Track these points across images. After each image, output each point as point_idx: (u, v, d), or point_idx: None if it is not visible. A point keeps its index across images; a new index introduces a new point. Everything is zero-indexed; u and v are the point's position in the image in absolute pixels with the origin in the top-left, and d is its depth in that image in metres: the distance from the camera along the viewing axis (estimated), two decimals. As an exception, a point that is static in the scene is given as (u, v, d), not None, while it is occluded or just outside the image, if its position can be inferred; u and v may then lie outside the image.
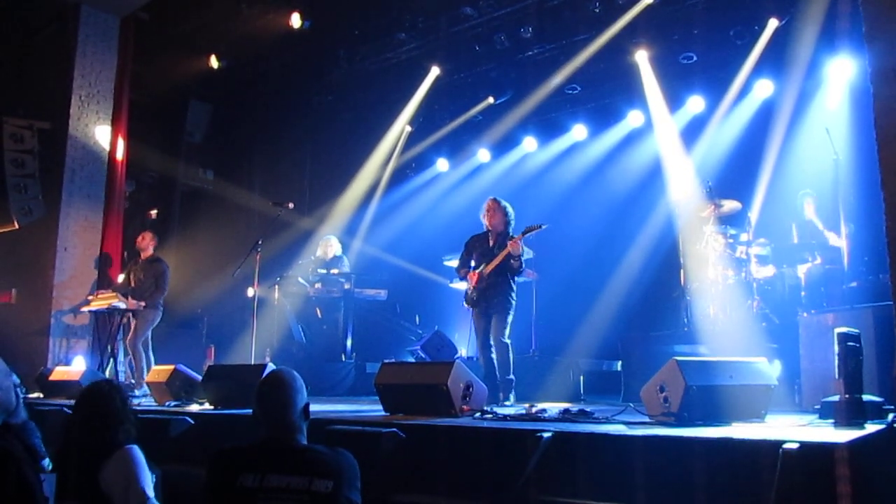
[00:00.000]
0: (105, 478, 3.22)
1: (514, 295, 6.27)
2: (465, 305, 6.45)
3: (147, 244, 8.15)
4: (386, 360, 6.33)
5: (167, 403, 5.91)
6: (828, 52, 7.62)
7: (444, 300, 10.28)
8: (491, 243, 6.34)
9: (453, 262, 6.75)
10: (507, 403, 5.92)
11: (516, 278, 6.38)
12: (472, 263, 6.39)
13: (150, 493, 3.31)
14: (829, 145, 6.23)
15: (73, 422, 3.45)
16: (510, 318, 6.22)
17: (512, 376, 6.13)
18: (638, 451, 3.16)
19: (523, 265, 6.24)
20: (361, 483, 2.63)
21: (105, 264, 8.97)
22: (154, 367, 6.99)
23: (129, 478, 3.23)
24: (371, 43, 9.82)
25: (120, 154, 9.25)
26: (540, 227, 6.18)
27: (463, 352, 9.04)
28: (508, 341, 6.18)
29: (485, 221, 6.39)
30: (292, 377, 2.78)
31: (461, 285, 6.53)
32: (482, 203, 6.52)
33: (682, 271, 7.44)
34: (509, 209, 6.35)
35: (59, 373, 7.22)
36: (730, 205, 7.25)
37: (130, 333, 7.85)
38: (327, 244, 9.40)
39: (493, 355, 6.19)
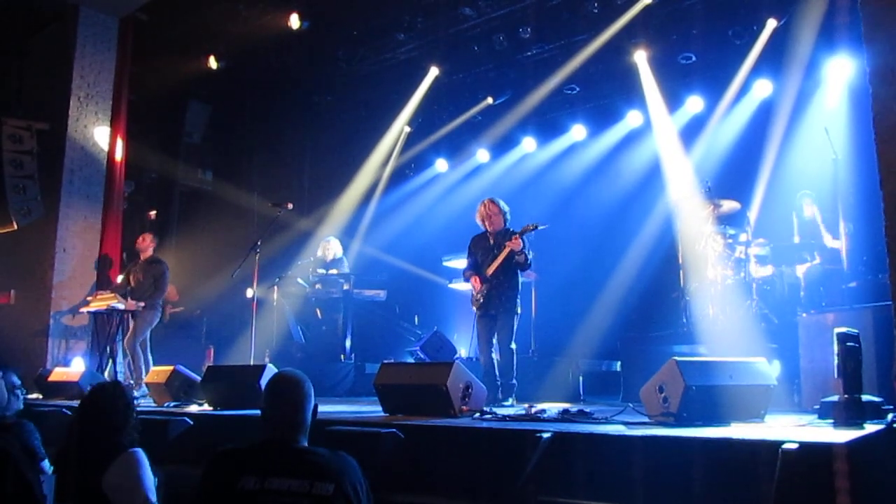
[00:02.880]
0: (109, 480, 3.21)
1: (518, 296, 6.26)
2: (474, 308, 6.39)
3: (147, 245, 8.13)
4: (385, 361, 6.33)
5: (166, 404, 5.91)
6: (826, 51, 7.62)
7: (443, 301, 10.28)
8: (491, 242, 6.34)
9: (452, 263, 6.77)
10: (505, 404, 5.93)
11: (521, 275, 6.38)
12: (477, 265, 6.39)
13: (153, 498, 3.30)
14: (829, 145, 6.24)
15: (77, 423, 3.44)
16: (516, 323, 6.21)
17: (515, 381, 6.15)
18: (637, 452, 3.16)
19: (529, 258, 6.23)
20: (360, 484, 2.62)
21: (104, 265, 8.95)
22: (153, 368, 6.98)
23: (134, 482, 3.22)
24: (370, 43, 9.82)
25: (119, 155, 9.23)
26: (536, 226, 6.19)
27: (462, 352, 9.04)
28: (514, 347, 6.19)
29: (483, 223, 6.40)
30: (304, 378, 2.79)
31: (460, 285, 6.54)
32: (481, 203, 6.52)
33: (681, 271, 7.45)
34: (506, 207, 6.39)
35: (58, 374, 7.21)
36: (729, 205, 7.25)
37: (129, 334, 7.84)
38: (327, 245, 9.40)
39: (496, 357, 6.21)
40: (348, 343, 9.15)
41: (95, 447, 3.28)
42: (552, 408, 4.78)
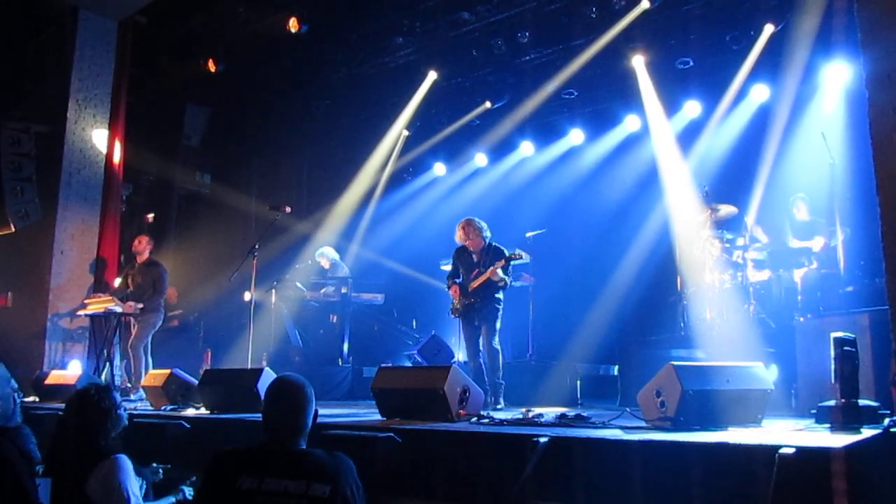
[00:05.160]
0: (91, 486, 3.21)
1: (500, 304, 6.43)
2: (452, 316, 6.57)
3: (144, 248, 8.12)
4: (383, 365, 6.35)
5: (163, 407, 5.90)
6: (823, 57, 7.65)
7: (441, 304, 10.22)
8: (475, 259, 6.48)
9: (450, 267, 6.83)
10: (499, 407, 5.99)
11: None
12: (461, 274, 6.57)
13: (136, 499, 3.29)
14: (825, 150, 6.26)
15: (62, 426, 3.44)
16: (498, 325, 6.39)
17: (502, 380, 6.29)
18: (635, 456, 3.16)
19: (508, 284, 6.42)
20: (356, 487, 2.62)
21: (101, 268, 8.92)
22: (151, 371, 6.97)
23: (115, 488, 3.22)
24: (369, 47, 9.82)
25: (117, 157, 9.22)
26: (521, 255, 6.41)
27: (460, 356, 9.03)
28: (499, 347, 6.37)
29: (463, 242, 6.54)
30: (305, 383, 2.81)
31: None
32: (480, 207, 6.64)
33: (678, 276, 7.46)
34: (483, 225, 6.54)
35: (56, 377, 7.19)
36: (726, 209, 7.27)
37: (132, 338, 7.82)
38: (323, 256, 9.43)
39: (484, 361, 6.33)
40: (346, 346, 9.15)
41: (77, 451, 3.27)
42: (549, 412, 4.78)
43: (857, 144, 6.27)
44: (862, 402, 3.55)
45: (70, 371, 7.57)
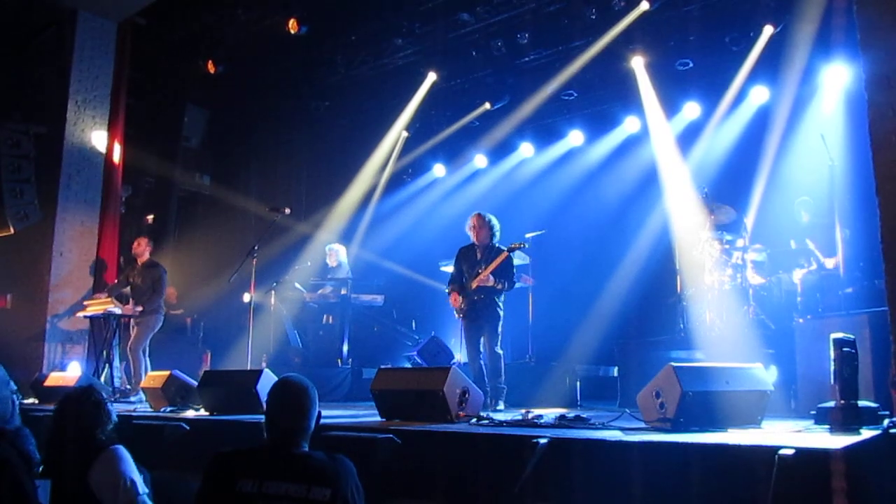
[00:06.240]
0: (94, 479, 3.23)
1: (501, 306, 6.42)
2: (458, 317, 6.58)
3: (143, 249, 8.12)
4: (382, 366, 6.34)
5: (162, 409, 5.90)
6: (823, 58, 7.66)
7: (440, 306, 10.25)
8: (478, 256, 6.48)
9: (449, 268, 6.85)
10: (498, 409, 5.99)
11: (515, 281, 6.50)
12: (463, 275, 6.55)
13: (141, 489, 3.31)
14: (825, 151, 6.26)
15: (55, 428, 3.48)
16: (500, 328, 6.39)
17: (504, 385, 6.28)
18: (634, 458, 3.16)
19: (505, 286, 6.39)
20: (356, 489, 2.62)
21: (101, 269, 8.92)
22: (150, 373, 6.96)
23: (118, 477, 3.25)
24: (368, 48, 9.84)
25: (116, 159, 9.21)
26: (523, 245, 6.46)
27: (459, 357, 9.02)
28: (501, 351, 6.37)
29: (471, 235, 6.53)
30: (309, 385, 2.80)
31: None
32: (478, 209, 6.64)
33: (678, 277, 7.46)
34: (494, 222, 6.51)
35: (55, 378, 7.17)
36: (725, 210, 7.27)
37: (131, 340, 7.81)
38: (333, 252, 9.43)
39: (485, 363, 6.33)
40: (345, 348, 9.15)
41: (75, 449, 3.30)
42: (549, 413, 4.77)
43: (857, 146, 6.27)
44: (861, 403, 3.55)
45: (69, 373, 7.56)
